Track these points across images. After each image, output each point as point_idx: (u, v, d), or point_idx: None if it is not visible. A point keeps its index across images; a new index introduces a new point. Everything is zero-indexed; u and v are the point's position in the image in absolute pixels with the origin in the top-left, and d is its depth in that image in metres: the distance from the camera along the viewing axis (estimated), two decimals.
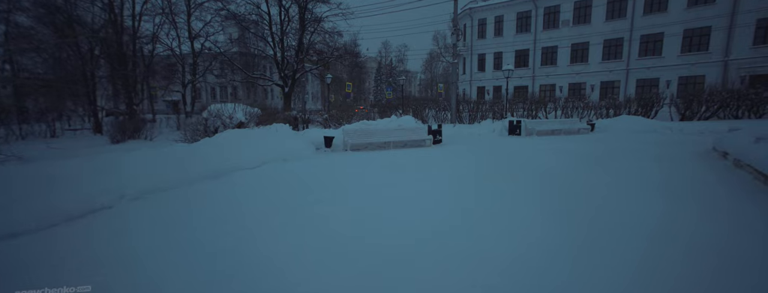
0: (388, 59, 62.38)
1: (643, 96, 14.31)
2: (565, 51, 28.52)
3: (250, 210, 4.32)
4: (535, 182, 5.50)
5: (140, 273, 2.74)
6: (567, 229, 3.37)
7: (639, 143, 9.23)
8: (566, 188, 5.02)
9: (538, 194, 4.78)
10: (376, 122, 10.60)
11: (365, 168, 6.87)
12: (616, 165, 6.47)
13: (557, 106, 17.67)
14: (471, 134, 12.75)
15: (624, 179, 5.51)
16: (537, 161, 7.19)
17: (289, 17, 17.49)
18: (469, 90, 34.17)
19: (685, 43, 23.80)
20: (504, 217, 3.82)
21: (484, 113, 17.82)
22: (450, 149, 9.32)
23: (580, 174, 5.92)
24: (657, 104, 13.96)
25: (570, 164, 6.68)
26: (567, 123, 13.17)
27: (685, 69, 23.87)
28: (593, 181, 5.44)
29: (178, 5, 21.62)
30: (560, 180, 5.51)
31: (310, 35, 19.30)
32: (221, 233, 3.52)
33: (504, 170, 6.49)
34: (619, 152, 7.92)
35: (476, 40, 32.89)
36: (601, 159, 7.14)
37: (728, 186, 4.83)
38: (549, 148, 8.93)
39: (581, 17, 27.48)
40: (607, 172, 5.97)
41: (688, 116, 13.59)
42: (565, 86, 28.94)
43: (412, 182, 5.69)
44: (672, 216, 3.69)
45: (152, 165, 5.54)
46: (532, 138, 11.78)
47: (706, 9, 22.59)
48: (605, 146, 9.14)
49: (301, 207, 4.37)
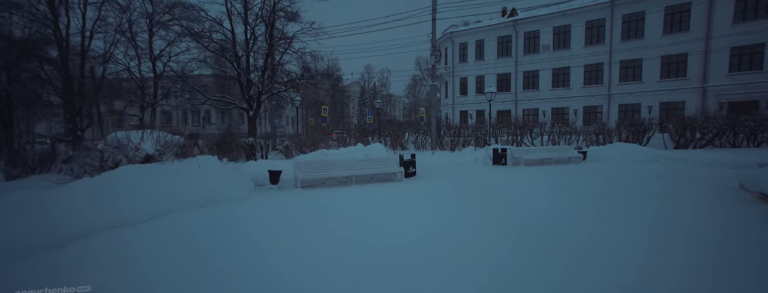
0: (371, 83, 62.05)
1: (634, 122, 13.34)
2: (547, 75, 28.28)
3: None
4: (528, 238, 3.95)
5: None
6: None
7: (643, 177, 7.89)
8: (570, 251, 3.48)
9: (533, 259, 3.21)
10: (338, 152, 8.99)
11: (310, 217, 5.16)
12: (628, 211, 4.99)
13: (543, 131, 16.61)
14: (451, 164, 11.26)
15: (645, 233, 4.02)
16: (527, 203, 5.66)
17: (255, 36, 16.19)
18: (451, 114, 33.37)
19: (664, 69, 23.80)
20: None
21: (467, 139, 16.52)
22: (424, 185, 7.73)
23: (585, 225, 4.40)
24: (649, 130, 12.96)
25: (569, 209, 5.17)
26: (557, 151, 11.90)
27: (665, 95, 23.70)
28: (605, 236, 3.94)
29: (138, 23, 20.13)
30: (561, 236, 3.96)
31: (281, 56, 17.99)
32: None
33: (487, 217, 4.91)
34: (625, 190, 6.49)
35: (458, 64, 32.52)
36: (607, 201, 5.67)
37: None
38: (540, 183, 7.46)
39: (561, 42, 27.50)
40: (621, 221, 4.47)
41: (683, 143, 12.60)
42: (548, 111, 28.45)
43: (368, 238, 4.03)
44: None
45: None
46: (520, 169, 10.37)
47: (681, 36, 22.78)
48: (605, 180, 7.75)
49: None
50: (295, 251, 3.88)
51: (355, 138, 20.55)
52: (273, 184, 7.40)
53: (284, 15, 16.07)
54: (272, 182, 7.38)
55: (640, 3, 23.80)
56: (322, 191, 7.21)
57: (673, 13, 22.88)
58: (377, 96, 60.55)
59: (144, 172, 5.15)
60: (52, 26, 16.22)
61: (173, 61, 21.10)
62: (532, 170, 10.01)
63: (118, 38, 18.35)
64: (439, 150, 15.94)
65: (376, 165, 8.32)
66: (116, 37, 18.13)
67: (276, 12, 15.97)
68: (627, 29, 24.77)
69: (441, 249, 3.83)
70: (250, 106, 16.70)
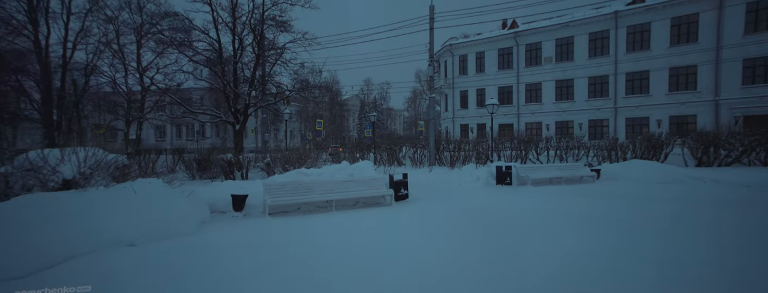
0: (371, 97, 61.53)
1: (650, 136, 12.19)
2: (550, 88, 27.39)
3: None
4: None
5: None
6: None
7: (676, 203, 6.71)
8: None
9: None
10: (319, 171, 7.88)
11: (271, 258, 3.99)
12: (683, 256, 3.80)
13: (549, 146, 15.48)
14: (449, 184, 10.10)
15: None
16: (542, 242, 4.49)
17: (243, 46, 15.36)
18: (451, 128, 32.36)
19: (672, 81, 22.86)
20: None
21: (468, 154, 15.36)
22: (417, 211, 6.56)
23: (633, 285, 3.20)
24: (668, 146, 11.81)
25: (599, 253, 3.97)
26: (567, 169, 10.75)
27: (675, 108, 22.66)
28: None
29: (125, 34, 19.45)
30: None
31: (271, 67, 17.13)
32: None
33: (496, 265, 3.72)
34: (661, 221, 5.31)
35: (458, 76, 31.76)
36: (641, 238, 4.49)
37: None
38: (553, 211, 6.29)
39: (564, 54, 26.74)
40: (682, 276, 3.28)
41: (705, 161, 11.42)
42: (552, 124, 27.40)
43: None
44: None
45: None
46: (527, 189, 9.20)
47: (690, 47, 21.94)
48: (629, 206, 6.58)
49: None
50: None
51: (348, 153, 19.50)
52: (237, 211, 6.24)
53: (274, 24, 15.32)
54: (236, 209, 6.23)
55: (644, 14, 23.12)
56: (294, 219, 6.05)
57: (680, 23, 22.13)
58: (377, 110, 59.93)
59: (53, 202, 4.03)
60: (31, 37, 15.52)
61: (161, 73, 20.31)
62: (541, 191, 8.84)
63: (102, 49, 17.61)
64: (437, 166, 14.78)
65: (361, 187, 7.17)
66: (99, 48, 17.38)
67: (265, 21, 15.23)
68: (632, 41, 24.01)
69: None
70: (237, 119, 15.71)
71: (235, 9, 14.72)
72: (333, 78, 53.94)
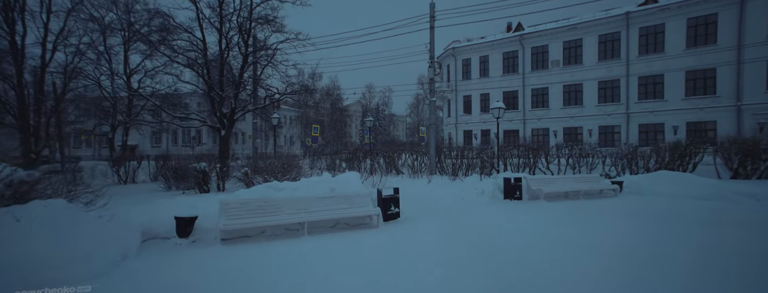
0: (373, 102, 60.52)
1: (678, 143, 10.84)
2: (557, 92, 26.11)
3: None
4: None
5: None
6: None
7: (731, 228, 5.39)
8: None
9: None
10: (295, 184, 6.65)
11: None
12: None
13: (560, 154, 14.15)
14: (450, 198, 8.83)
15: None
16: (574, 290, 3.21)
17: (229, 47, 14.30)
18: (454, 134, 31.10)
19: (689, 85, 21.50)
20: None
21: (471, 161, 14.00)
22: (407, 238, 5.30)
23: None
24: (697, 154, 10.46)
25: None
26: (584, 181, 9.42)
27: (693, 114, 21.25)
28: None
29: (112, 36, 18.54)
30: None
31: (262, 69, 16.04)
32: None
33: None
34: (718, 257, 4.02)
35: (461, 81, 30.60)
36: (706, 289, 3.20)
37: None
38: (579, 240, 5.01)
39: (572, 57, 25.52)
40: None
41: (743, 173, 10.04)
42: (560, 131, 26.06)
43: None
44: None
45: None
46: (540, 206, 7.90)
47: (708, 50, 20.62)
48: (670, 232, 5.28)
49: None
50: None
51: (342, 161, 18.29)
52: (182, 237, 5.01)
53: (263, 22, 14.27)
54: (181, 235, 5.00)
55: (658, 15, 21.90)
56: (251, 249, 4.80)
57: (697, 25, 20.87)
58: (379, 115, 58.84)
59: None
60: (7, 38, 14.60)
61: (148, 77, 19.35)
62: (557, 208, 7.53)
63: (83, 50, 16.66)
64: (437, 175, 13.51)
65: (342, 205, 5.93)
66: (81, 49, 16.43)
67: (255, 19, 14.21)
68: (645, 43, 22.75)
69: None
70: (223, 124, 14.59)
71: (222, 6, 13.74)
72: (334, 83, 53.06)
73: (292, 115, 53.16)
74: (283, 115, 52.08)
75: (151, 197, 9.46)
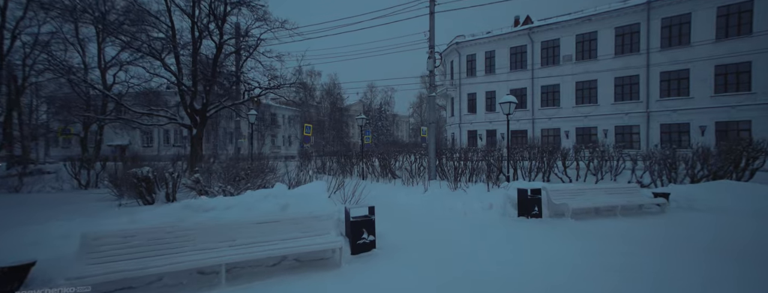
0: (375, 102, 58.72)
1: (734, 145, 8.82)
2: (569, 90, 24.08)
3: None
4: None
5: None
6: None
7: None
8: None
9: None
10: (232, 200, 4.80)
11: None
12: None
13: (579, 157, 12.18)
14: (450, 214, 6.97)
15: None
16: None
17: (202, 35, 12.56)
18: (458, 134, 29.15)
19: (719, 81, 19.39)
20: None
21: (476, 165, 12.03)
22: (382, 283, 3.46)
23: None
24: (755, 159, 8.47)
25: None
26: (619, 193, 7.49)
27: (723, 112, 19.14)
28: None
29: (84, 28, 16.93)
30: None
31: (244, 61, 14.31)
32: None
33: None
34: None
35: (465, 78, 28.66)
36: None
37: None
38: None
39: (585, 52, 23.49)
40: None
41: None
42: (572, 131, 24.02)
43: None
44: None
45: None
46: (568, 227, 6.01)
47: (741, 42, 18.51)
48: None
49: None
50: None
51: (336, 163, 16.50)
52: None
53: (240, 4, 12.50)
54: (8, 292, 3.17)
55: (684, 4, 19.83)
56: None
57: (729, 13, 18.77)
58: (381, 115, 57.03)
59: None
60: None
61: (123, 70, 17.71)
62: (593, 231, 5.62)
63: (46, 40, 15.04)
64: (437, 180, 11.61)
65: (290, 232, 4.09)
66: (41, 39, 14.82)
67: (229, 2, 12.48)
68: (668, 35, 20.68)
69: None
70: (194, 121, 12.86)
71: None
72: (333, 81, 51.35)
73: (290, 114, 51.43)
74: (281, 114, 50.40)
75: (65, 211, 7.43)
